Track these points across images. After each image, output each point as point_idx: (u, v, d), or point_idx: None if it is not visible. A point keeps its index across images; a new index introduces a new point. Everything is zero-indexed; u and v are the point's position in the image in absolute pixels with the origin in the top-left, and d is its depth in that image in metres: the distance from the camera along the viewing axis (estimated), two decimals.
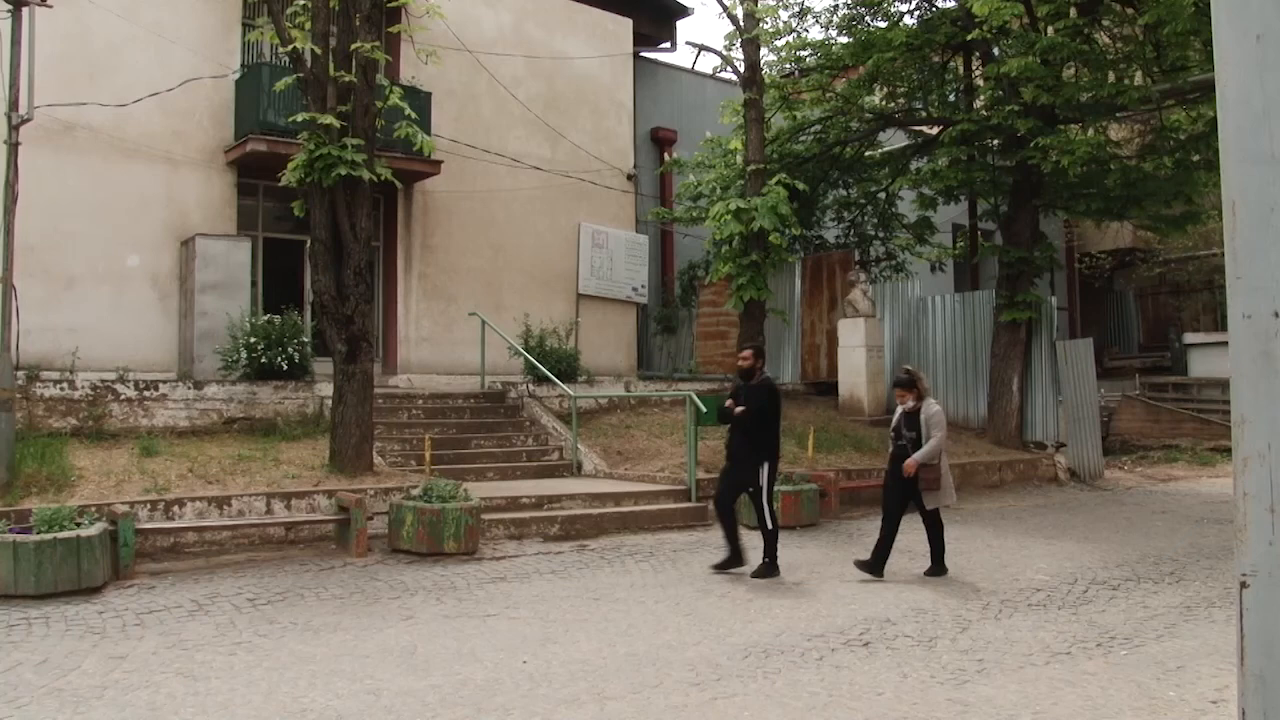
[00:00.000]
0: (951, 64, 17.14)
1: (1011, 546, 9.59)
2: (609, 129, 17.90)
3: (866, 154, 17.27)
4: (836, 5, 16.43)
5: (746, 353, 8.64)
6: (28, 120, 9.27)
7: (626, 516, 10.31)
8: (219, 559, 8.45)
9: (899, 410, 8.37)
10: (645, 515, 10.46)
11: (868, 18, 16.50)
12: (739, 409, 8.22)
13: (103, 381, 11.22)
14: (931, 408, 8.17)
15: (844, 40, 16.13)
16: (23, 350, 9.68)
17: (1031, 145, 13.77)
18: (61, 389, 10.95)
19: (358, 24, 10.33)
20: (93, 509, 7.99)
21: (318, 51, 10.19)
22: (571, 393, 13.32)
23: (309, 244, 11.13)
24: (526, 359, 14.46)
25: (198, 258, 12.78)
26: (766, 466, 8.14)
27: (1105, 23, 15.16)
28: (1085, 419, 15.59)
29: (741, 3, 12.92)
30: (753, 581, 7.88)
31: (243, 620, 6.53)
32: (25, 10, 9.09)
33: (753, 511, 8.37)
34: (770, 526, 8.10)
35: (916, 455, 7.98)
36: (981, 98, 16.46)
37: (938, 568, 8.17)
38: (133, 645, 5.91)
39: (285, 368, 12.16)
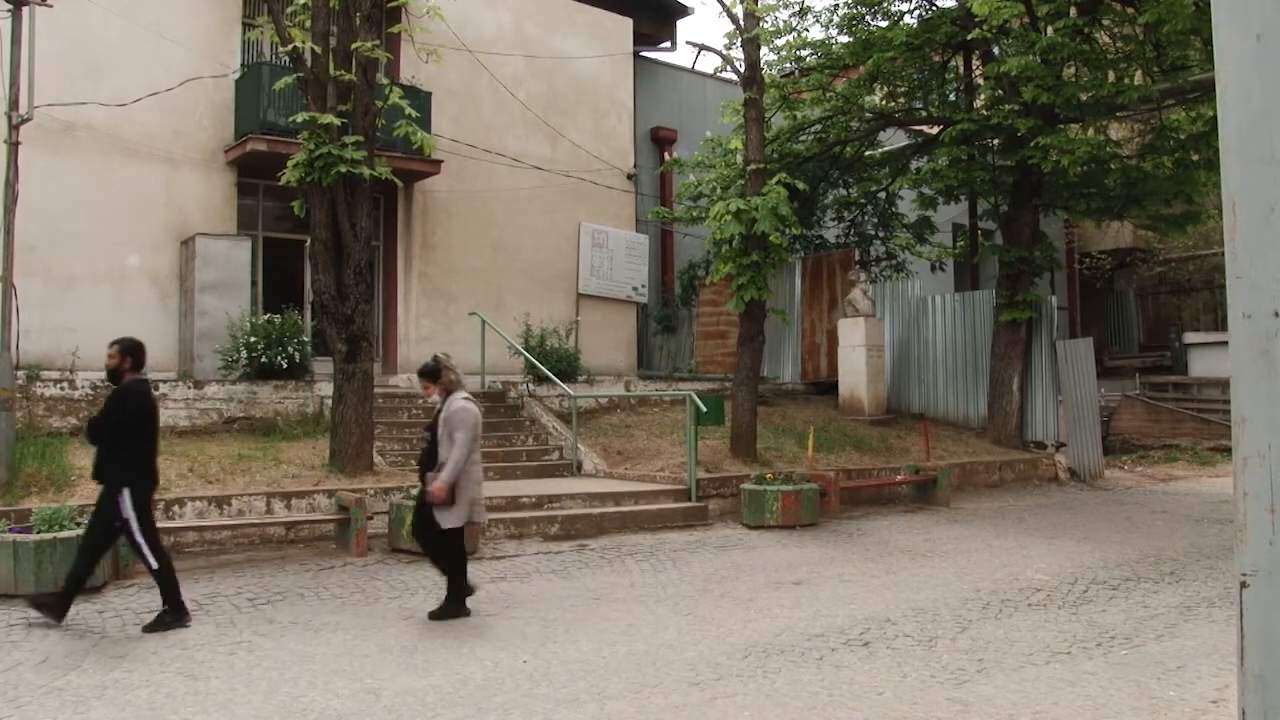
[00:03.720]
0: (951, 63, 17.13)
1: (1011, 546, 9.59)
2: (609, 129, 17.89)
3: (866, 154, 17.27)
4: (836, 5, 16.42)
5: (112, 349, 6.73)
6: (28, 120, 9.28)
7: (626, 516, 10.31)
8: (219, 558, 8.46)
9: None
10: (645, 515, 10.46)
11: (868, 17, 16.50)
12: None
13: (103, 381, 11.21)
14: (455, 404, 6.67)
15: (844, 40, 16.13)
16: (23, 350, 9.69)
17: (1031, 145, 13.76)
18: (61, 389, 10.95)
19: (358, 23, 10.34)
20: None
21: (318, 51, 10.20)
22: (571, 392, 13.33)
23: (309, 243, 11.14)
24: (527, 358, 14.46)
25: (198, 257, 12.78)
26: (128, 493, 6.41)
27: (1105, 22, 15.15)
28: (1085, 418, 15.59)
29: (741, 2, 12.89)
30: (752, 580, 7.87)
31: (243, 620, 6.53)
32: (25, 10, 9.09)
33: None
34: (156, 565, 6.34)
35: (442, 475, 6.49)
36: (981, 97, 16.46)
37: (451, 607, 6.60)
38: (133, 645, 5.91)
39: (285, 367, 12.17)
